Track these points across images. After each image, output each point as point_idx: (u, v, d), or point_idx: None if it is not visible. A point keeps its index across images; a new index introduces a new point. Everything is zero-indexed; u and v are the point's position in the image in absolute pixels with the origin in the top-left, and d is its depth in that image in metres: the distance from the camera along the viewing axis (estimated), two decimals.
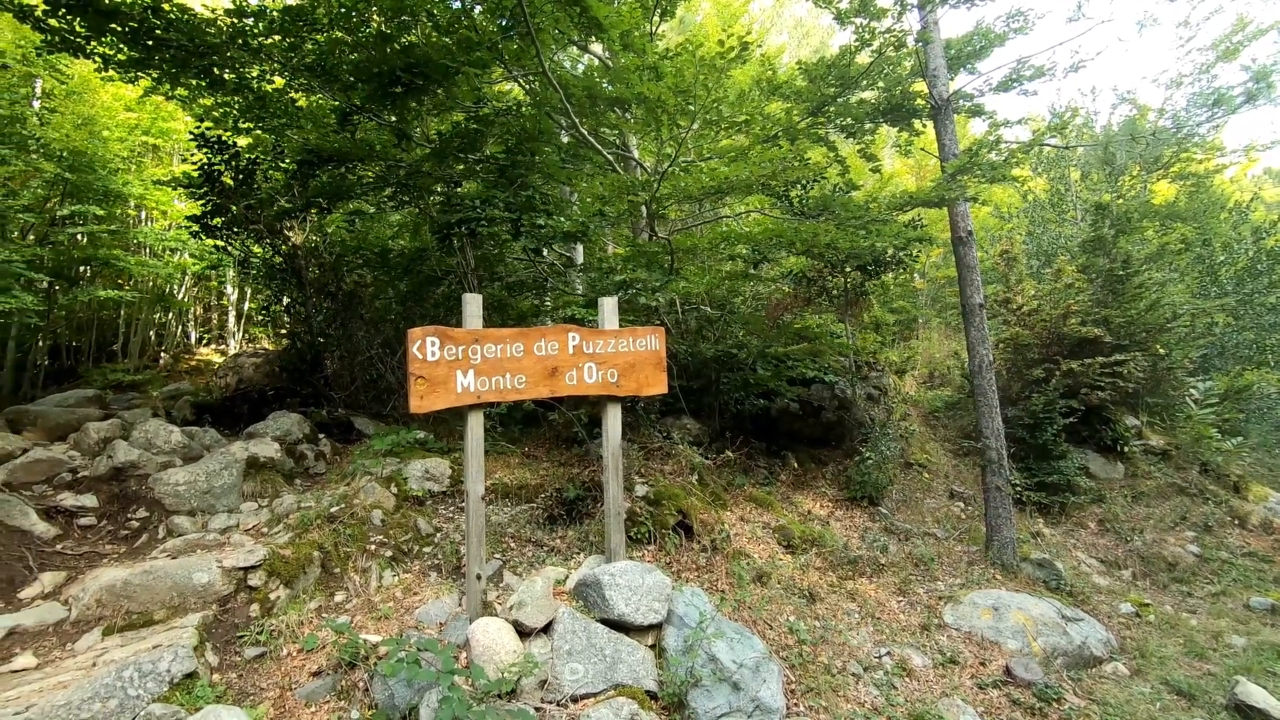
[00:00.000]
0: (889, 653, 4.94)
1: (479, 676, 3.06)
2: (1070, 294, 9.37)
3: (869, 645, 4.99)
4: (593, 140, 6.12)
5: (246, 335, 13.86)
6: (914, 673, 4.80)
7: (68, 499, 4.10)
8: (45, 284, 8.89)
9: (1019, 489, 7.82)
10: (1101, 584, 7.22)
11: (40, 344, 9.69)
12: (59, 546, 3.80)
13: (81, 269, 10.16)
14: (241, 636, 3.35)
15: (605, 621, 3.68)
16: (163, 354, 12.58)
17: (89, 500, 4.16)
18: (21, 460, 4.30)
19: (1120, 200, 10.79)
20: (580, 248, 7.78)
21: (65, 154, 8.31)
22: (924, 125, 7.98)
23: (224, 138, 6.96)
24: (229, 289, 13.96)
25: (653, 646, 3.78)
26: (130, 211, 11.61)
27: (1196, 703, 4.99)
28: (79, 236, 9.55)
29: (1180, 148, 11.26)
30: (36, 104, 9.78)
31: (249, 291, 13.55)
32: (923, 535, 7.21)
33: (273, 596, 3.58)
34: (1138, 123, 11.73)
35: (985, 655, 5.15)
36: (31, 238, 9.00)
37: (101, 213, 9.21)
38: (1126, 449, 9.53)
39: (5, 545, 3.63)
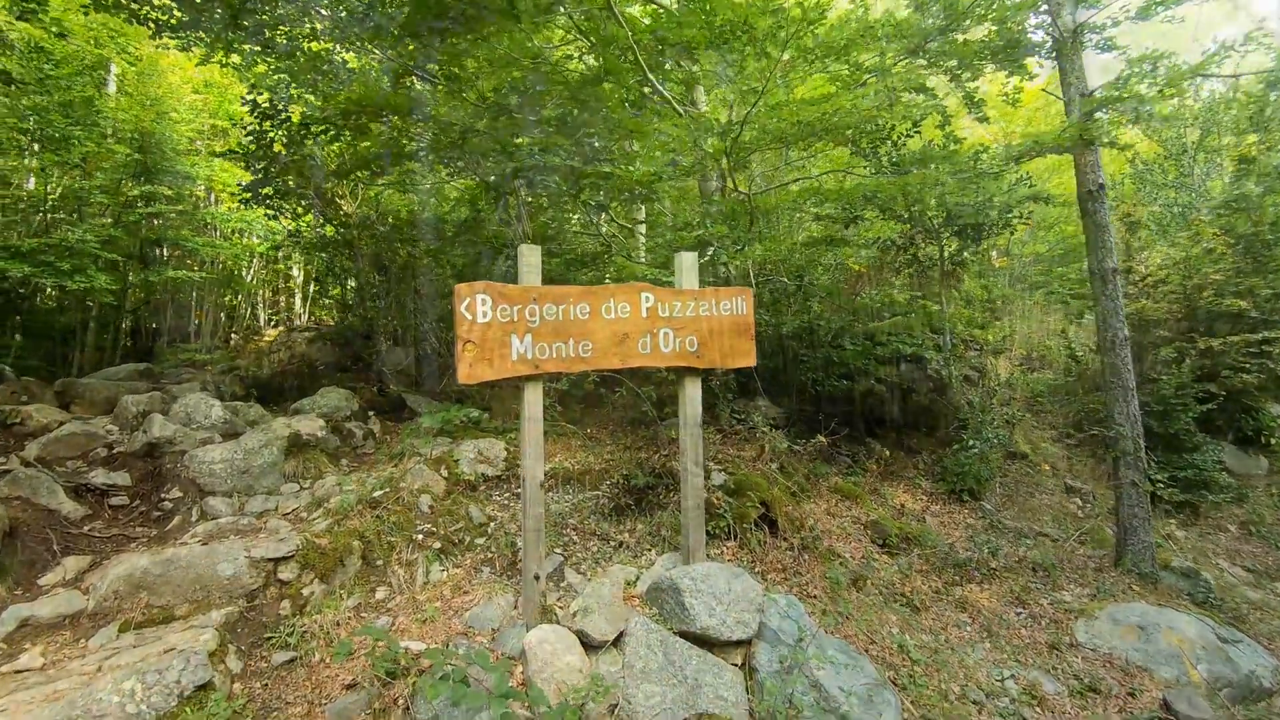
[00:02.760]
0: (1013, 676, 4.18)
1: (538, 701, 2.52)
2: (1208, 261, 8.11)
3: (988, 666, 4.24)
4: (661, 89, 5.47)
5: (312, 317, 13.93)
6: (1045, 701, 4.04)
7: (99, 476, 3.80)
8: (120, 264, 8.94)
9: (1160, 485, 6.72)
10: (1253, 598, 6.16)
11: (122, 325, 9.84)
12: (87, 528, 3.49)
13: (153, 249, 10.25)
14: (270, 638, 2.92)
15: (685, 635, 3.09)
16: (233, 335, 12.74)
17: (121, 478, 3.85)
18: (56, 434, 4.03)
19: (1269, 151, 9.27)
20: (643, 211, 7.15)
21: (135, 136, 8.29)
22: (1040, 65, 6.93)
23: (276, 104, 6.67)
24: (295, 271, 14.03)
25: (741, 666, 3.16)
26: (199, 193, 11.71)
27: None
28: (151, 218, 9.60)
29: None
30: (111, 87, 9.88)
31: (314, 272, 13.58)
32: (1036, 536, 6.31)
33: (305, 592, 3.15)
34: None
35: (1133, 683, 4.30)
36: (107, 219, 9.08)
37: (170, 193, 9.22)
38: (1273, 441, 8.24)
39: (31, 526, 3.33)
